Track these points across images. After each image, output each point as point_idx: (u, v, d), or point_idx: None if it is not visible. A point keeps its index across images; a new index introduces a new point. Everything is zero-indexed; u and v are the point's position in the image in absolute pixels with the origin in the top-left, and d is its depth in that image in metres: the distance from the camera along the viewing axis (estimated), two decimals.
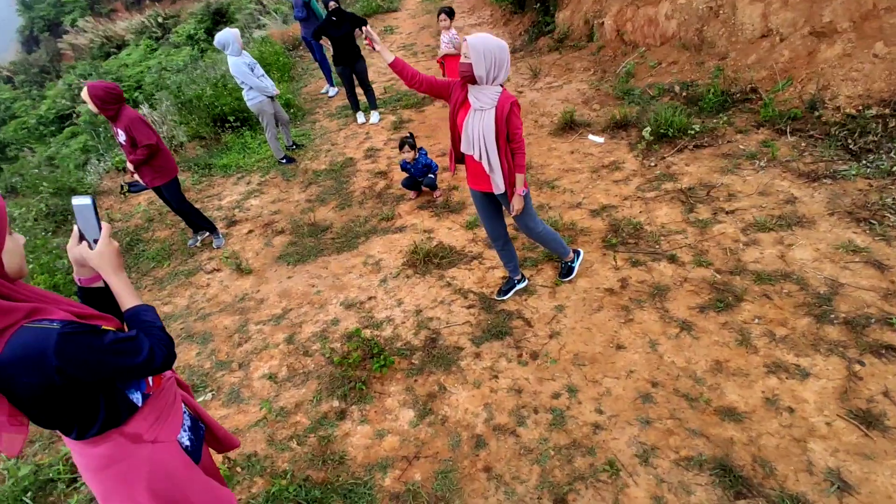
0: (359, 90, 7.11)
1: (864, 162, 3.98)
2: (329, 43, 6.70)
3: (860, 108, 4.51)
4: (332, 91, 8.61)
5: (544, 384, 2.95)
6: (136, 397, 1.44)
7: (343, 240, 4.69)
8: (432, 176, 4.93)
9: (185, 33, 19.32)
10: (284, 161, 6.44)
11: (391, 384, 3.14)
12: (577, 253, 3.64)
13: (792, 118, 4.68)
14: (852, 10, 4.89)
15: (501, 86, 2.79)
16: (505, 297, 3.59)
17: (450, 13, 5.98)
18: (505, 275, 3.82)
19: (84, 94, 4.01)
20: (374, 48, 2.85)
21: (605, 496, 2.35)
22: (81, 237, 1.46)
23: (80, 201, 1.43)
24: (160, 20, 21.94)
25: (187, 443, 1.57)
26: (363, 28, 2.85)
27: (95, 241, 1.44)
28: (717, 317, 3.09)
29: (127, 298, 1.45)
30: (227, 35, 5.62)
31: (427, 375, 3.15)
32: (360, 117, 7.23)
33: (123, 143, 4.40)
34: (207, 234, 5.21)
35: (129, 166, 4.54)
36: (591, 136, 5.45)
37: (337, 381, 3.20)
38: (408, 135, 4.89)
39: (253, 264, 4.65)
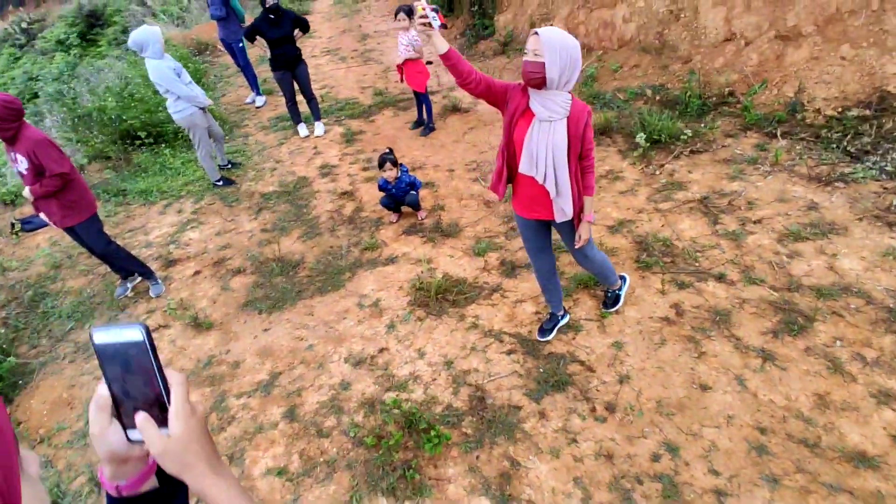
0: (299, 97, 6.27)
1: (866, 164, 3.97)
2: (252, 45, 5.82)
3: (840, 109, 4.57)
4: (260, 100, 7.62)
5: (636, 444, 2.48)
6: None
7: (324, 277, 3.93)
8: (415, 193, 4.32)
9: (55, 38, 16.80)
10: (221, 183, 5.47)
11: (447, 465, 2.50)
12: (622, 279, 3.23)
13: (778, 121, 4.65)
14: (815, 13, 4.99)
15: (570, 92, 2.30)
16: (549, 338, 3.09)
17: (409, 12, 5.39)
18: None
19: None
20: (427, 32, 2.21)
21: None
22: (119, 410, 0.74)
23: (117, 336, 0.69)
24: (24, 25, 18.95)
25: None
26: (417, 4, 2.20)
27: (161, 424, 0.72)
28: (795, 342, 2.81)
29: None
30: (145, 34, 4.61)
31: (489, 448, 2.55)
32: (303, 130, 6.39)
33: (24, 171, 3.36)
34: (140, 279, 4.18)
35: (28, 196, 3.48)
36: None
37: (376, 468, 2.51)
38: (387, 150, 4.23)
39: (212, 316, 3.75)
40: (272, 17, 5.60)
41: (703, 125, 4.86)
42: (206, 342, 3.53)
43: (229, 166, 5.79)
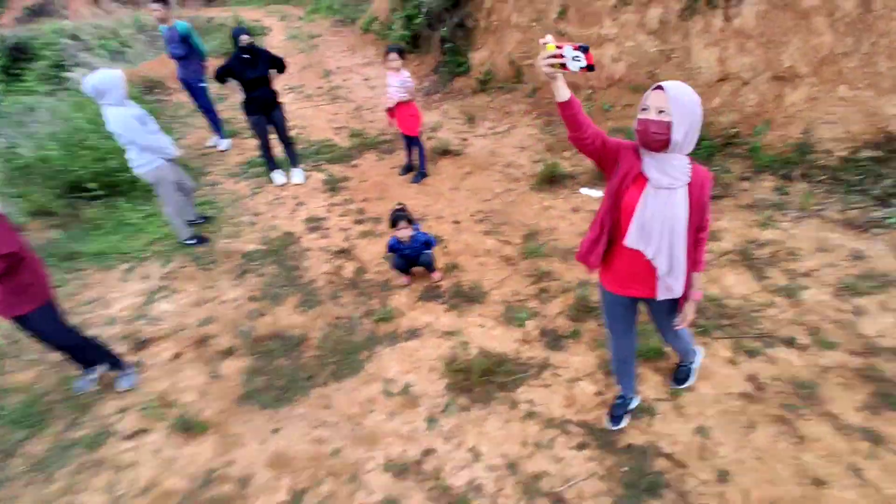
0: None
1: (893, 207, 3.89)
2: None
3: (851, 150, 4.54)
4: (224, 143, 6.98)
5: None
6: None
7: (336, 358, 3.38)
8: (430, 253, 3.87)
9: None
10: (193, 242, 4.80)
11: None
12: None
13: (790, 163, 4.56)
14: (809, 54, 5.01)
15: (689, 155, 1.97)
16: (622, 425, 2.69)
17: (400, 52, 5.03)
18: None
19: None
20: (556, 74, 1.82)
21: None
22: None
23: None
24: None
25: None
26: (544, 41, 1.80)
27: None
28: None
29: None
30: (105, 79, 3.98)
31: None
32: (279, 177, 5.83)
33: None
34: (106, 366, 3.48)
35: None
36: (584, 190, 4.86)
37: None
38: (398, 206, 3.78)
39: (204, 413, 3.11)
40: (246, 56, 5.09)
41: (716, 168, 4.71)
42: (201, 451, 2.89)
43: (200, 221, 5.14)
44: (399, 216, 3.65)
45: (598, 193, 4.76)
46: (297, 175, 5.82)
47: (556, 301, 3.59)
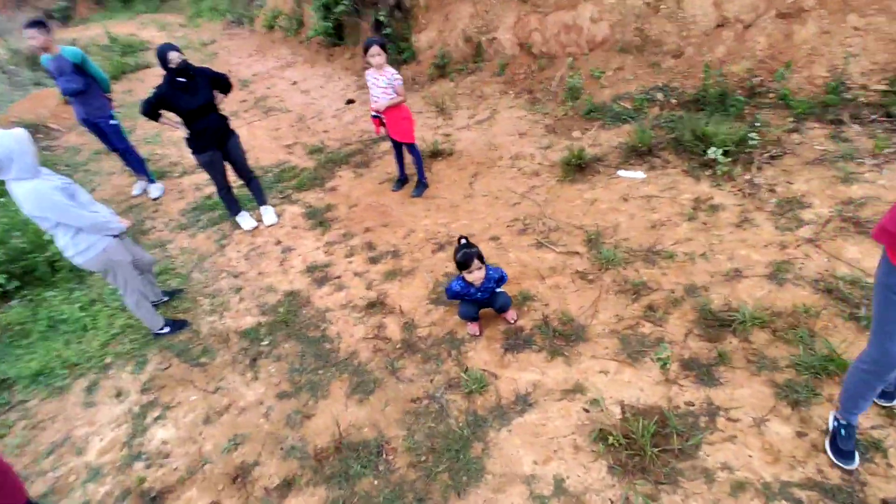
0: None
1: None
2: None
3: (887, 82, 4.25)
4: (155, 189, 5.68)
5: None
6: None
7: (443, 461, 2.56)
8: (505, 293, 3.13)
9: None
10: (168, 330, 3.71)
11: None
12: None
13: (835, 105, 4.20)
14: None
15: None
16: (857, 462, 2.14)
17: (383, 45, 4.12)
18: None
19: None
20: None
21: None
22: None
23: None
24: None
25: None
26: None
27: None
28: None
29: None
30: (4, 144, 2.80)
31: None
32: (247, 221, 4.74)
33: None
34: None
35: None
36: (622, 173, 4.25)
37: None
38: (462, 241, 2.97)
39: None
40: (182, 80, 3.94)
41: (756, 124, 4.26)
42: None
43: (166, 299, 4.01)
44: (469, 255, 2.83)
45: (640, 175, 4.17)
46: (269, 215, 4.77)
47: (673, 318, 2.97)
